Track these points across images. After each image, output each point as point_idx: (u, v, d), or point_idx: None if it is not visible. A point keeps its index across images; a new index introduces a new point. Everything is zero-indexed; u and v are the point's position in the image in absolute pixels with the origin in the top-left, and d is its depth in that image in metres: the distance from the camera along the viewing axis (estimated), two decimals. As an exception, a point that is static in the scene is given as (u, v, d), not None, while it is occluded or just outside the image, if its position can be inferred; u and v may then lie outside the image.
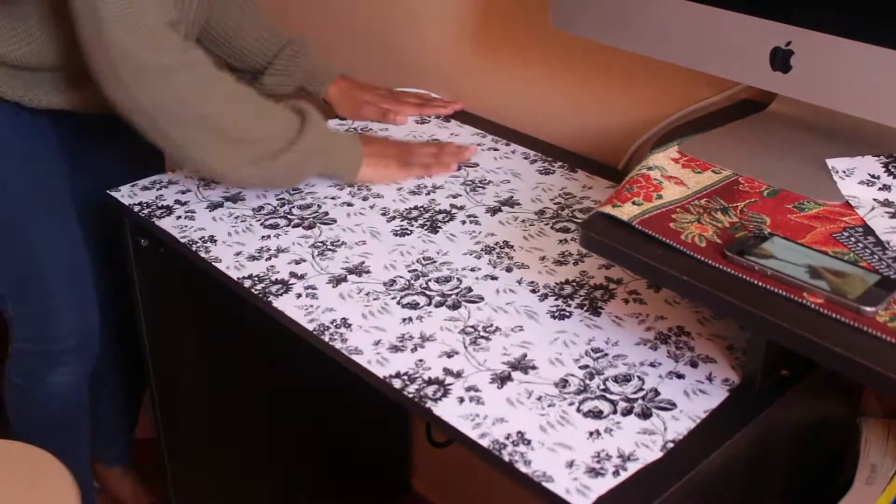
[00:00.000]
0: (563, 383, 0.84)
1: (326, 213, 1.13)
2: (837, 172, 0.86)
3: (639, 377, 0.85)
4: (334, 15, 1.62)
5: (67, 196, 1.35)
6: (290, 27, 1.43)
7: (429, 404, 0.82)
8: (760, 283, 0.73)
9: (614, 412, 0.81)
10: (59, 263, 1.33)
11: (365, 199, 1.16)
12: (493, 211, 1.13)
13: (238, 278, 1.01)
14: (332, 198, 1.17)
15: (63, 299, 1.34)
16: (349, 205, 1.15)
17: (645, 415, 0.80)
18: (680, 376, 0.85)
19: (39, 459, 1.20)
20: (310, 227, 1.10)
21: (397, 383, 0.85)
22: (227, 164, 1.10)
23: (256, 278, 1.01)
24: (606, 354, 0.88)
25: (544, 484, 0.73)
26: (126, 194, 1.19)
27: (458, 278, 0.99)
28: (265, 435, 1.54)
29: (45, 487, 1.16)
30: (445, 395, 0.83)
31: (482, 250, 1.05)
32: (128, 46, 1.04)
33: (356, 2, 1.59)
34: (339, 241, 1.07)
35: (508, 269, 1.01)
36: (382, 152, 1.20)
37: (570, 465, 0.75)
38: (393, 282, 0.99)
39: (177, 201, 1.17)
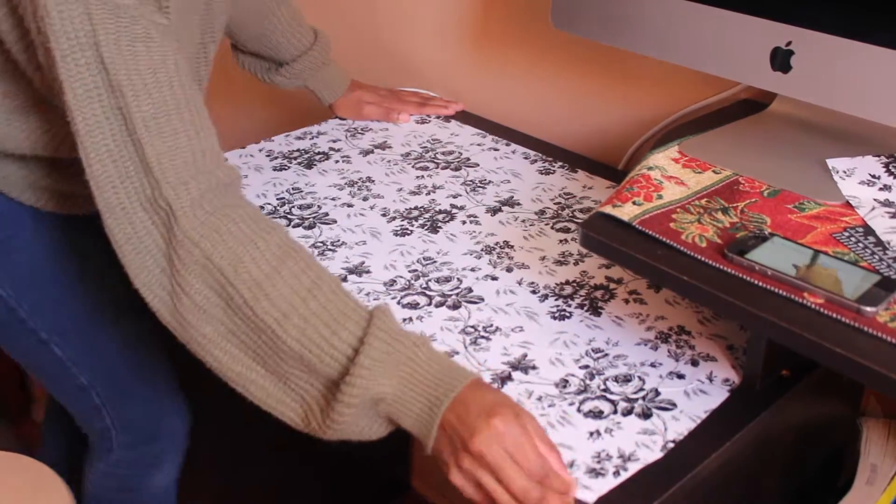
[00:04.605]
0: (564, 383, 0.84)
1: (327, 214, 1.13)
2: (838, 172, 0.86)
3: (639, 377, 0.85)
4: (334, 14, 1.62)
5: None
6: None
7: (429, 404, 0.82)
8: (760, 283, 0.73)
9: (615, 412, 0.81)
10: (152, 350, 1.14)
11: (365, 199, 1.16)
12: (494, 211, 1.13)
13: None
14: (333, 198, 1.17)
15: (165, 386, 1.17)
16: (349, 205, 1.15)
17: (645, 415, 0.80)
18: (680, 376, 0.85)
19: (37, 471, 1.20)
20: (310, 227, 1.10)
21: (397, 383, 0.85)
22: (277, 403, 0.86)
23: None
24: (607, 355, 0.88)
25: (545, 484, 0.73)
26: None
27: (458, 278, 0.99)
28: (265, 435, 1.54)
29: (42, 500, 1.16)
30: (446, 395, 0.83)
31: (482, 250, 1.05)
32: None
33: (356, 1, 1.59)
34: (339, 241, 1.07)
35: (508, 270, 1.01)
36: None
37: (571, 465, 0.75)
38: (393, 282, 0.99)
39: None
